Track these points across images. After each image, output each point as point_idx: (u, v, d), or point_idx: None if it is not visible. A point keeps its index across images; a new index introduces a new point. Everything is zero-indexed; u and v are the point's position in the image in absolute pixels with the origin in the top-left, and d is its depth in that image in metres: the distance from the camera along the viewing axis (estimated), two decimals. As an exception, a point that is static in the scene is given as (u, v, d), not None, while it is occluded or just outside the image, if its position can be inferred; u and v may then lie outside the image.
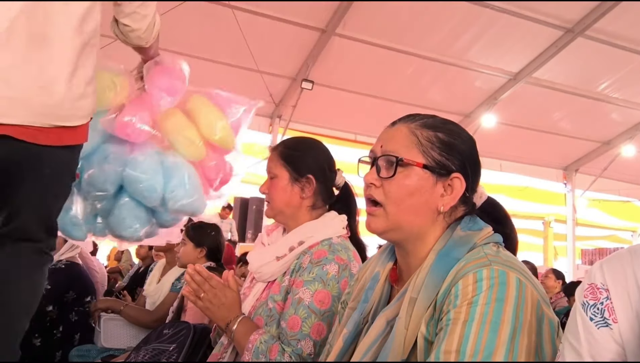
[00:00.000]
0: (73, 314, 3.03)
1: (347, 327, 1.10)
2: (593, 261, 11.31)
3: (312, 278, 1.38)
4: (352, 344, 1.06)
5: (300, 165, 1.55)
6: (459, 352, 0.82)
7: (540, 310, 0.89)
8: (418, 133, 1.04)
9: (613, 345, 0.84)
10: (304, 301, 1.36)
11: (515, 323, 0.84)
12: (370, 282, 1.13)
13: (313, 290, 1.37)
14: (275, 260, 1.49)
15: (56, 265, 3.05)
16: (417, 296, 0.94)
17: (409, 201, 1.01)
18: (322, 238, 1.48)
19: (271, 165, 1.59)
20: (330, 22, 6.79)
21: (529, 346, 0.85)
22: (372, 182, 1.04)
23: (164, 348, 2.29)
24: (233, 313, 1.41)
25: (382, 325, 1.00)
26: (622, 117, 8.77)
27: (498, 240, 1.02)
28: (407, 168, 1.01)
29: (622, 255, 0.90)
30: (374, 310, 1.07)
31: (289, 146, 1.61)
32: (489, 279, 0.88)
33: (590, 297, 0.87)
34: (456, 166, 1.03)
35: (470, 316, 0.85)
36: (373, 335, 1.00)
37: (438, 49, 7.25)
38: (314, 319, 1.34)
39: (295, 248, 1.48)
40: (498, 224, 1.08)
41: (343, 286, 1.38)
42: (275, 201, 1.55)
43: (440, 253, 0.99)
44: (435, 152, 1.02)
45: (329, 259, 1.41)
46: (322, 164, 1.59)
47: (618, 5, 6.27)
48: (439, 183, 1.02)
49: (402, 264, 1.09)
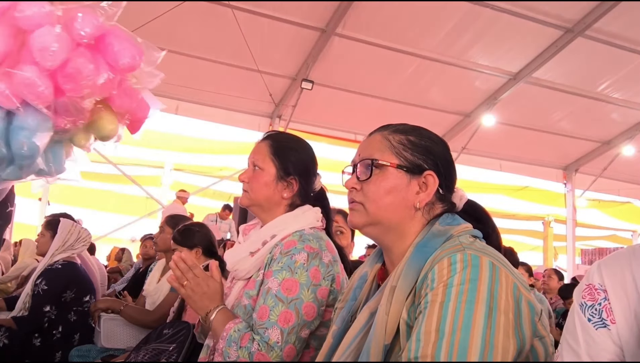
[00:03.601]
0: (72, 314, 3.02)
1: (336, 323, 1.16)
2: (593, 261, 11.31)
3: (280, 267, 1.39)
4: (341, 339, 1.10)
5: (288, 164, 1.54)
6: (438, 331, 0.86)
7: (517, 291, 0.91)
8: (390, 138, 1.13)
9: (611, 345, 0.84)
10: (271, 290, 1.37)
11: (490, 302, 0.87)
12: (358, 282, 1.19)
13: (280, 278, 1.38)
14: (249, 255, 1.50)
15: (53, 265, 3.05)
16: (397, 284, 0.99)
17: (386, 199, 1.08)
18: (294, 230, 1.48)
19: (258, 157, 1.55)
20: (330, 22, 6.78)
21: (506, 324, 0.87)
22: (353, 186, 1.13)
23: (164, 348, 2.29)
24: (214, 303, 1.43)
25: (366, 316, 1.05)
26: (622, 117, 8.77)
27: (476, 234, 1.07)
28: (382, 169, 1.09)
29: (621, 255, 0.90)
30: (361, 306, 1.12)
31: (281, 142, 1.58)
32: (462, 261, 0.92)
33: (588, 298, 0.87)
34: (429, 165, 1.10)
35: (447, 297, 0.89)
36: (357, 327, 1.05)
37: (438, 49, 7.25)
38: (281, 307, 1.34)
39: (267, 242, 1.48)
40: (479, 223, 1.13)
41: (313, 274, 1.39)
42: (255, 192, 1.54)
43: (418, 245, 1.04)
44: (408, 153, 1.10)
45: (298, 248, 1.41)
46: (308, 168, 1.59)
47: (618, 5, 6.27)
48: (413, 181, 1.09)
49: (387, 262, 1.15)
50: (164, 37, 7.09)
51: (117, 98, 2.05)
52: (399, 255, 1.08)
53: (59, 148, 2.10)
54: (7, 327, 2.85)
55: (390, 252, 1.12)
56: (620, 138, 9.17)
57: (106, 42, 1.92)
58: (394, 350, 0.96)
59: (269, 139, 1.59)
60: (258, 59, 7.03)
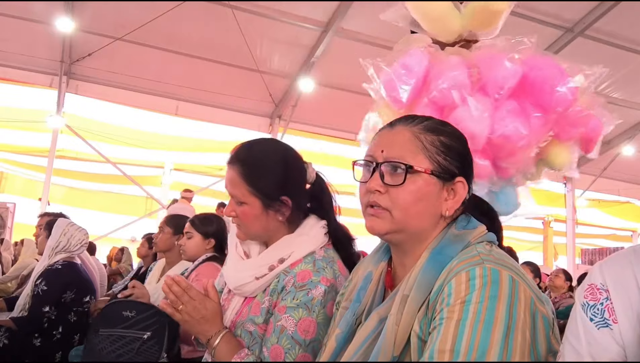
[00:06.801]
0: (72, 314, 3.01)
1: (340, 326, 1.09)
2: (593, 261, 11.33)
3: (295, 304, 1.27)
4: (345, 344, 1.05)
5: (269, 189, 1.34)
6: (453, 351, 0.82)
7: (534, 307, 0.88)
8: (422, 138, 1.02)
9: (613, 345, 0.84)
10: (287, 330, 1.25)
11: (508, 321, 0.84)
12: (363, 282, 1.11)
13: (297, 318, 1.26)
14: (254, 280, 1.37)
15: (53, 265, 3.04)
16: (410, 294, 0.94)
17: (416, 208, 1.00)
18: (304, 254, 1.35)
19: (234, 190, 1.36)
20: (330, 21, 6.78)
21: (523, 343, 0.84)
22: (377, 189, 1.01)
23: (136, 336, 2.07)
24: (214, 327, 1.31)
25: (375, 323, 0.99)
26: (621, 117, 8.75)
27: (491, 239, 1.02)
28: (415, 175, 0.99)
29: (622, 255, 0.89)
30: (367, 310, 1.06)
31: (249, 165, 1.35)
32: (482, 277, 0.87)
33: (590, 298, 0.87)
34: (458, 169, 1.03)
35: (464, 315, 0.85)
36: (365, 333, 1.00)
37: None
38: (298, 350, 1.24)
39: (275, 267, 1.35)
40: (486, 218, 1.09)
41: (329, 309, 1.28)
42: (249, 228, 1.38)
43: (433, 251, 0.98)
44: (441, 157, 1.01)
45: (314, 282, 1.28)
46: (293, 177, 1.39)
47: (618, 5, 6.27)
48: (444, 188, 1.02)
49: (397, 263, 1.08)
50: (164, 37, 7.09)
51: (561, 133, 1.82)
52: (413, 258, 1.02)
53: (509, 190, 1.96)
54: (7, 327, 2.85)
55: (405, 255, 1.05)
56: (620, 137, 9.16)
57: (527, 83, 1.64)
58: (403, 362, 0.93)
59: (238, 164, 1.36)
60: (258, 59, 7.04)
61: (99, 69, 7.49)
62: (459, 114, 1.58)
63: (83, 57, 7.32)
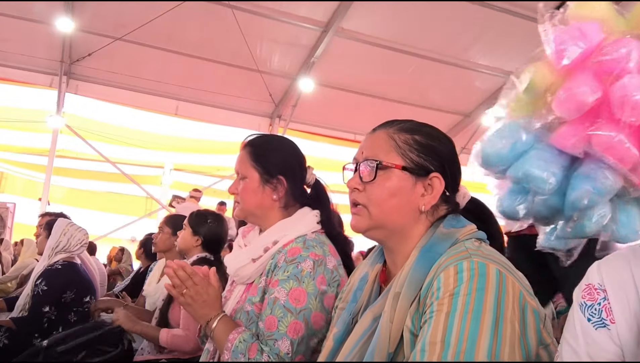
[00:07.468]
0: (72, 315, 3.01)
1: (337, 325, 1.13)
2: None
3: (286, 276, 1.37)
4: (342, 343, 1.08)
5: (270, 166, 1.51)
6: (444, 342, 0.84)
7: (523, 300, 0.90)
8: (396, 137, 1.08)
9: (611, 345, 0.84)
10: (279, 301, 1.35)
11: (497, 312, 0.86)
12: (359, 283, 1.16)
13: (288, 288, 1.36)
14: (251, 262, 1.48)
15: (53, 265, 3.04)
16: (401, 291, 0.97)
17: (390, 202, 1.05)
18: (296, 235, 1.46)
19: (240, 166, 1.54)
20: (330, 21, 6.79)
21: (512, 334, 0.86)
22: (356, 187, 1.09)
23: None
24: (214, 311, 1.41)
25: (369, 321, 1.03)
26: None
27: (481, 236, 1.05)
28: (387, 171, 1.05)
29: (620, 255, 0.90)
30: (362, 309, 1.10)
31: (257, 145, 1.56)
32: (469, 270, 0.90)
33: (588, 298, 0.87)
34: (435, 167, 1.07)
35: (453, 307, 0.87)
36: (360, 331, 1.03)
37: (438, 49, 7.25)
38: (290, 318, 1.33)
39: (270, 248, 1.47)
40: (482, 223, 1.10)
41: (319, 282, 1.37)
42: (246, 203, 1.52)
43: (423, 249, 1.02)
44: (414, 154, 1.06)
45: (304, 256, 1.39)
46: (292, 163, 1.56)
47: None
48: (419, 183, 1.06)
49: (389, 263, 1.12)
50: (164, 37, 7.10)
51: None
52: (402, 257, 1.06)
53: (633, 208, 1.61)
54: (7, 327, 2.85)
55: (394, 254, 1.09)
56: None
57: None
58: (397, 357, 0.95)
59: (249, 146, 1.57)
60: (258, 59, 7.04)
61: (99, 69, 7.49)
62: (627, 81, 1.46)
63: (83, 57, 7.32)
